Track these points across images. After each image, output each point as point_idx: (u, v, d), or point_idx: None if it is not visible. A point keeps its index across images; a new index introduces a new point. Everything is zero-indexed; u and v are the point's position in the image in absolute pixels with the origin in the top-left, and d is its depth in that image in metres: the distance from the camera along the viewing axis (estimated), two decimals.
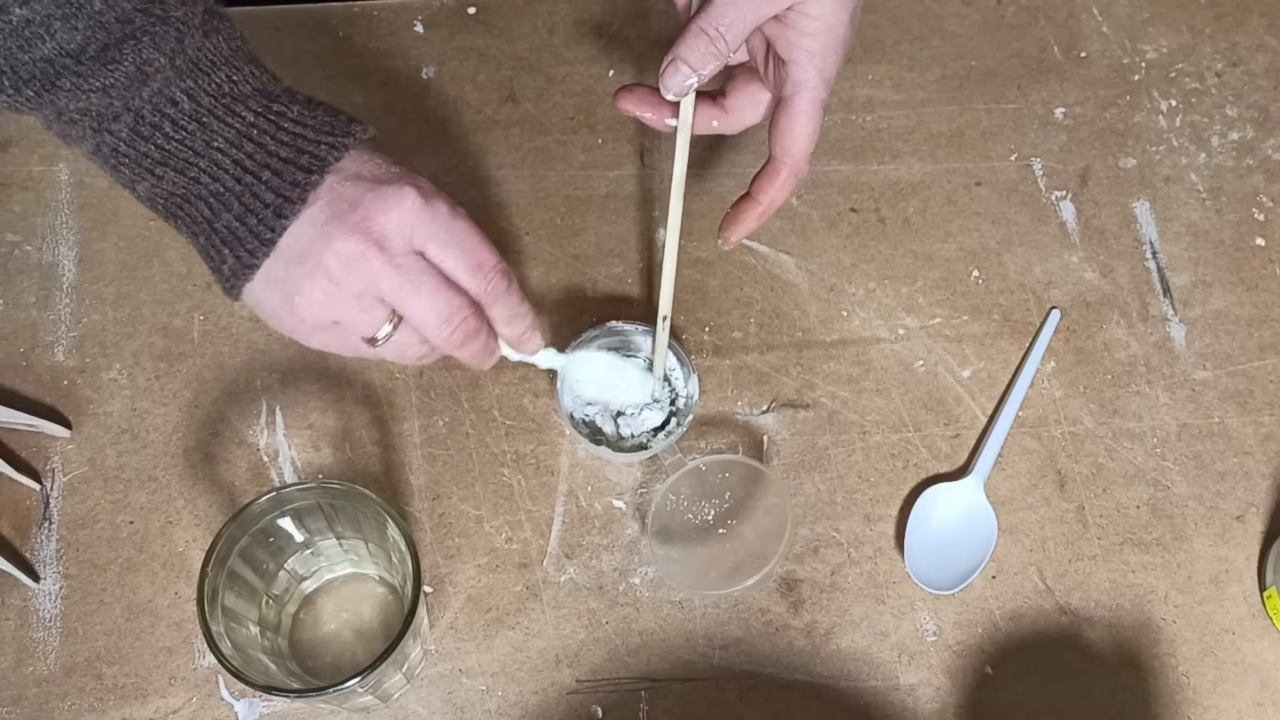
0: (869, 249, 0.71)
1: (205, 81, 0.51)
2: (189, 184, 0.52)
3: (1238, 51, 0.78)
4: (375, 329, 0.51)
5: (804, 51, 0.54)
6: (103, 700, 0.59)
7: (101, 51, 0.49)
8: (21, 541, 0.63)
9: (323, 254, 0.50)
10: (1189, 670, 0.62)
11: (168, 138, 0.51)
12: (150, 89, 0.51)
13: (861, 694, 0.61)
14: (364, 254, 0.50)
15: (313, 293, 0.51)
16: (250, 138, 0.51)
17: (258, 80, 0.52)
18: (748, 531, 0.63)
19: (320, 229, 0.50)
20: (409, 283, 0.50)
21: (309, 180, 0.50)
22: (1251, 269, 0.72)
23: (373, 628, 0.61)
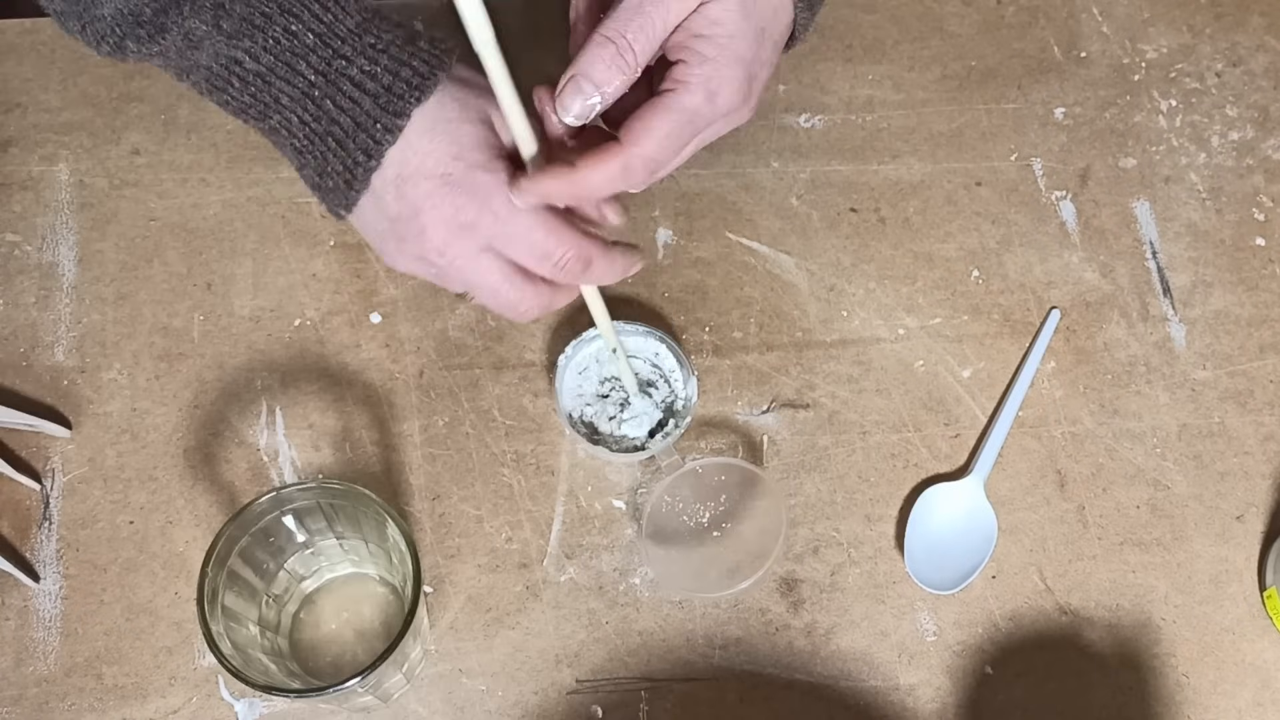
0: (869, 249, 0.71)
1: (261, 39, 0.50)
2: (271, 133, 0.53)
3: (1238, 51, 0.78)
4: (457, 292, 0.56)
5: (695, 53, 0.49)
6: (103, 700, 0.59)
7: (155, 16, 0.49)
8: (21, 541, 0.63)
9: (391, 251, 0.53)
10: (1189, 670, 0.62)
11: (240, 93, 0.52)
12: (205, 53, 0.51)
13: (861, 694, 0.61)
14: (429, 271, 0.53)
15: (403, 263, 0.53)
16: (313, 99, 0.51)
17: (320, 24, 0.51)
18: (743, 533, 0.63)
19: (387, 218, 0.52)
20: (478, 286, 0.53)
21: (369, 164, 0.51)
22: (1251, 269, 0.72)
23: (373, 628, 0.61)
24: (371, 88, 0.51)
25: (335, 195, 0.53)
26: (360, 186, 0.52)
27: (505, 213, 0.51)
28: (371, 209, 0.53)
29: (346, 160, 0.51)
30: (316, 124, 0.51)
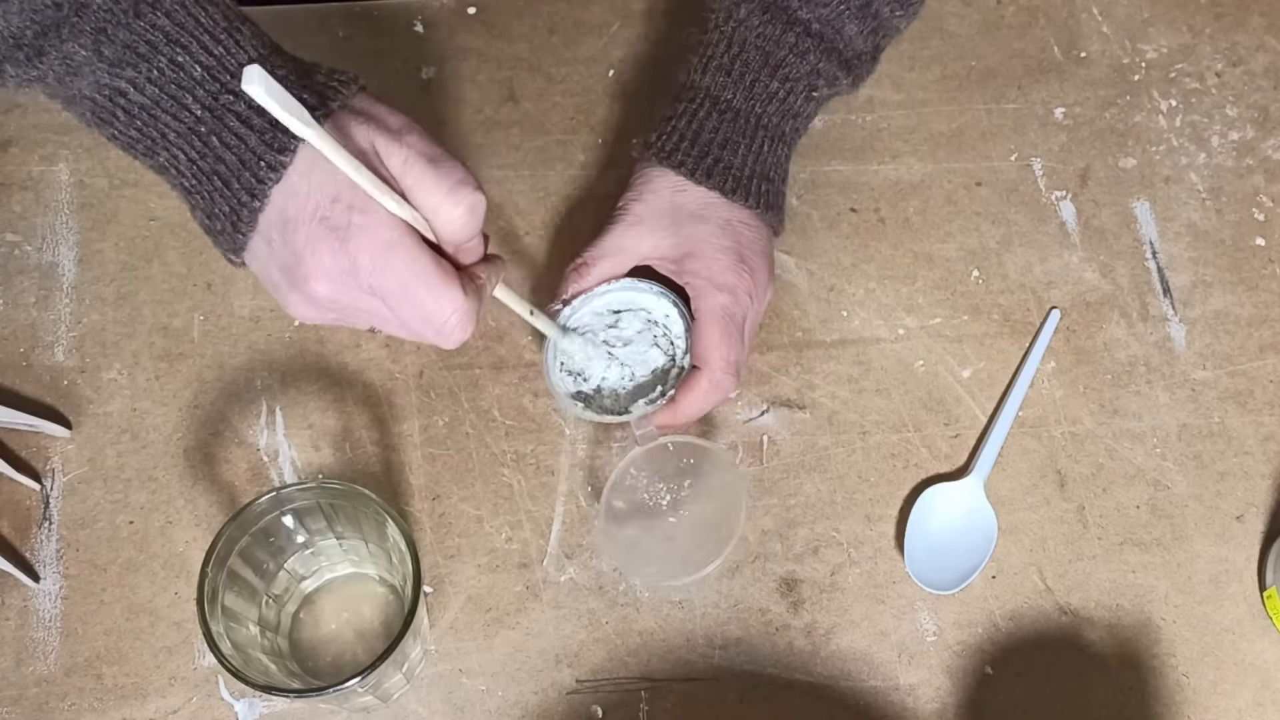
0: (869, 249, 0.71)
1: (146, 69, 0.48)
2: (160, 171, 0.51)
3: (1238, 51, 0.78)
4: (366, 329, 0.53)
5: (688, 270, 0.60)
6: (103, 700, 0.59)
7: (35, 39, 0.48)
8: (21, 541, 0.63)
9: (285, 297, 0.50)
10: (1189, 670, 0.62)
11: (126, 126, 0.50)
12: (86, 80, 0.49)
13: (861, 694, 0.61)
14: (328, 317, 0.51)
15: (300, 311, 0.51)
16: (199, 135, 0.49)
17: (209, 56, 0.49)
18: (703, 519, 0.62)
19: (275, 265, 0.50)
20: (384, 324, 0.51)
21: (253, 204, 0.48)
22: (1251, 269, 0.72)
23: (373, 628, 0.61)
24: (257, 124, 0.48)
25: (225, 238, 0.50)
26: (246, 229, 0.49)
27: (380, 263, 0.48)
28: (264, 254, 0.50)
29: (232, 201, 0.49)
30: (203, 161, 0.49)
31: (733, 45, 0.62)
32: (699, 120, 0.62)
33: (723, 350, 0.59)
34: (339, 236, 0.47)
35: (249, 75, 0.42)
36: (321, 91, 0.49)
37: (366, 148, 0.49)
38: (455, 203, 0.48)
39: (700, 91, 0.62)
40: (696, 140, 0.61)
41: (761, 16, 0.62)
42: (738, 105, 0.62)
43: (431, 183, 0.48)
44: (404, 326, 0.50)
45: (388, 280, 0.48)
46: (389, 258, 0.48)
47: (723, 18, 0.63)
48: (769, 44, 0.62)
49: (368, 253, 0.47)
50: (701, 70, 0.63)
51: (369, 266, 0.48)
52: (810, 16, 0.62)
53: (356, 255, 0.47)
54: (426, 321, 0.49)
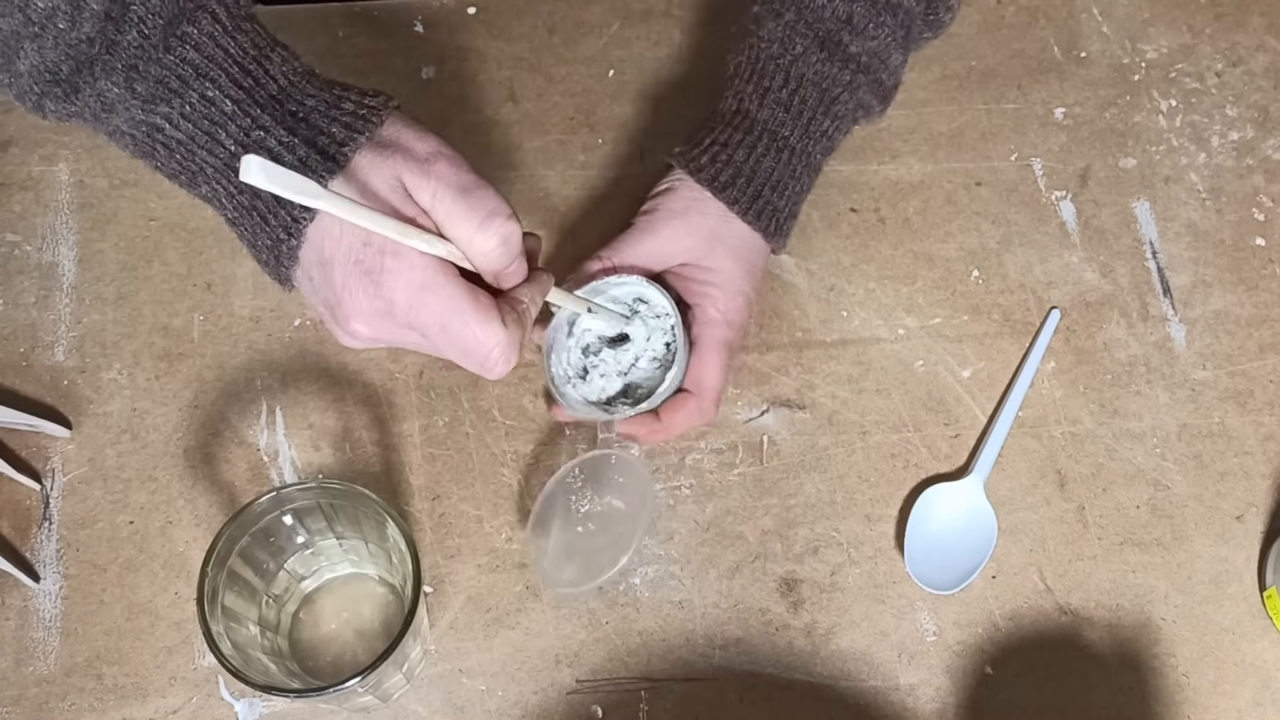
0: (869, 249, 0.71)
1: (179, 104, 0.49)
2: (205, 201, 0.51)
3: (1238, 51, 0.78)
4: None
5: (706, 297, 0.61)
6: (103, 700, 0.59)
7: (71, 75, 0.48)
8: (21, 541, 0.63)
9: (333, 327, 0.51)
10: (1189, 670, 0.62)
11: (166, 160, 0.50)
12: (122, 117, 0.49)
13: (861, 694, 0.61)
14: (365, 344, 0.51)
15: (349, 342, 0.51)
16: (235, 169, 0.49)
17: (239, 90, 0.49)
18: (608, 529, 0.61)
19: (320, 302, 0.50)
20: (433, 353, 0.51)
21: (290, 242, 0.49)
22: (1251, 269, 0.72)
23: (373, 627, 0.61)
24: (288, 160, 0.48)
25: (271, 270, 0.51)
26: (288, 263, 0.50)
27: (415, 303, 0.48)
28: (308, 289, 0.51)
29: (270, 237, 0.49)
30: (241, 197, 0.49)
31: (790, 80, 0.62)
32: (756, 157, 0.62)
33: (718, 380, 0.61)
34: (373, 280, 0.48)
35: (246, 167, 0.42)
36: (350, 124, 0.49)
37: (394, 185, 0.49)
38: (488, 236, 0.48)
39: (758, 125, 0.62)
40: (753, 179, 0.61)
41: (819, 54, 0.62)
42: (794, 143, 0.62)
43: (462, 215, 0.48)
44: (449, 358, 0.51)
45: (425, 319, 0.48)
46: (423, 298, 0.48)
47: (777, 49, 0.62)
48: (825, 81, 0.62)
49: (401, 294, 0.48)
50: (759, 102, 0.62)
51: (405, 307, 0.48)
52: (860, 50, 0.63)
53: (392, 297, 0.48)
54: (468, 356, 0.49)
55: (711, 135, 0.62)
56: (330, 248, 0.48)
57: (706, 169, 0.61)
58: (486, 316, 0.49)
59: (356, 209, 0.46)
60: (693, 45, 0.77)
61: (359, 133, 0.49)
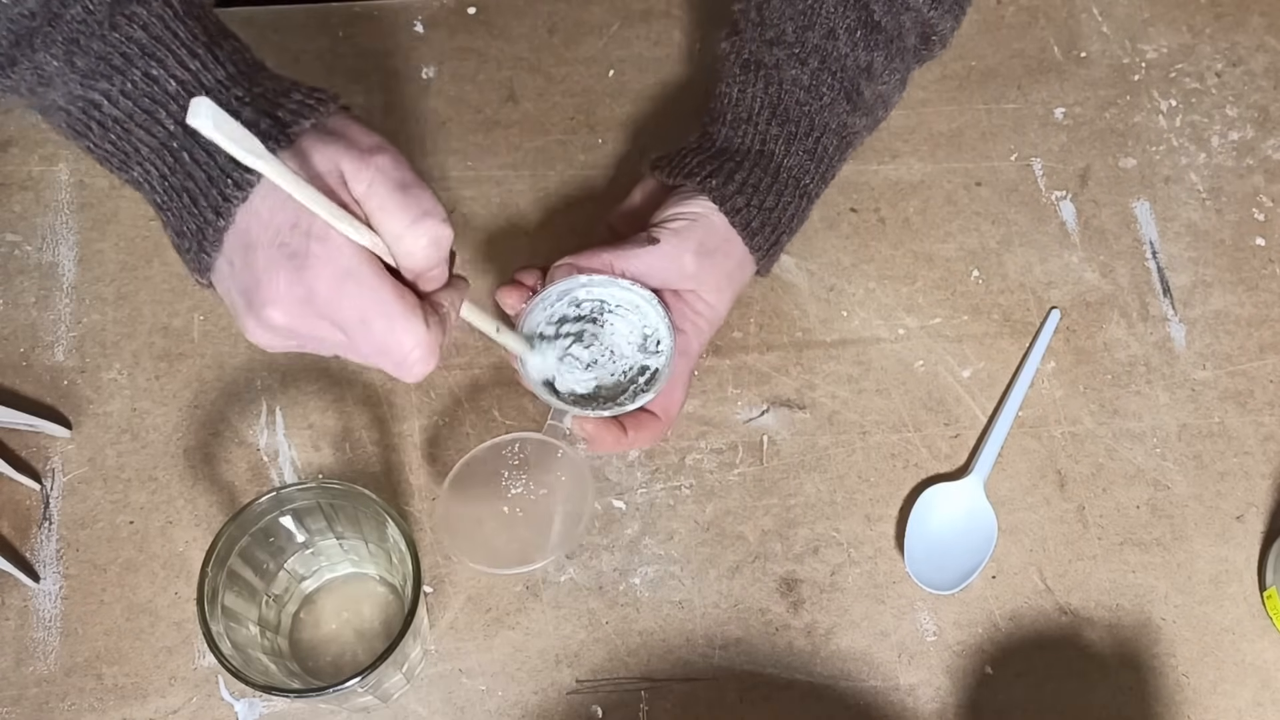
0: (869, 249, 0.71)
1: (120, 81, 0.47)
2: (135, 186, 0.50)
3: (1238, 51, 0.78)
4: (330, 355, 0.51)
5: (693, 325, 0.61)
6: (103, 700, 0.59)
7: (10, 49, 0.47)
8: (21, 541, 0.63)
9: (245, 322, 0.48)
10: (1189, 670, 0.62)
11: (101, 139, 0.49)
12: (59, 91, 0.48)
13: (861, 694, 0.61)
14: (288, 345, 0.49)
15: (261, 338, 0.49)
16: (171, 151, 0.48)
17: (185, 71, 0.48)
18: (541, 520, 0.59)
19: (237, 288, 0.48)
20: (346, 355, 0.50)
21: (218, 223, 0.47)
22: (1251, 269, 0.72)
23: (373, 627, 0.61)
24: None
25: (191, 257, 0.49)
26: (212, 248, 0.48)
27: (337, 292, 0.46)
28: (226, 276, 0.49)
29: (199, 219, 0.47)
30: (174, 177, 0.48)
31: (815, 128, 0.62)
32: (782, 205, 0.62)
33: (678, 408, 0.61)
34: (296, 264, 0.46)
35: (195, 109, 0.40)
36: (297, 110, 0.48)
37: (331, 169, 0.47)
38: (418, 234, 0.47)
39: (784, 171, 0.62)
40: (776, 226, 0.62)
41: (845, 105, 0.62)
42: (812, 191, 0.63)
43: (395, 210, 0.47)
44: (364, 358, 0.49)
45: (345, 311, 0.46)
46: (346, 287, 0.46)
47: (803, 96, 0.61)
48: (846, 130, 0.63)
49: (324, 282, 0.46)
50: (785, 149, 0.62)
51: (326, 296, 0.46)
52: (871, 95, 0.63)
53: (313, 284, 0.46)
54: (385, 354, 0.48)
55: (741, 174, 0.61)
56: (256, 231, 0.47)
57: (743, 212, 0.60)
58: (410, 313, 0.47)
59: (295, 180, 0.44)
60: (693, 45, 0.77)
61: (304, 117, 0.47)
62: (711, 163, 0.61)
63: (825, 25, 0.61)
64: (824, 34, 0.61)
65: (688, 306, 0.61)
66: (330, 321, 0.47)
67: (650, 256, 0.59)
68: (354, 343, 0.48)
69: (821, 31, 0.61)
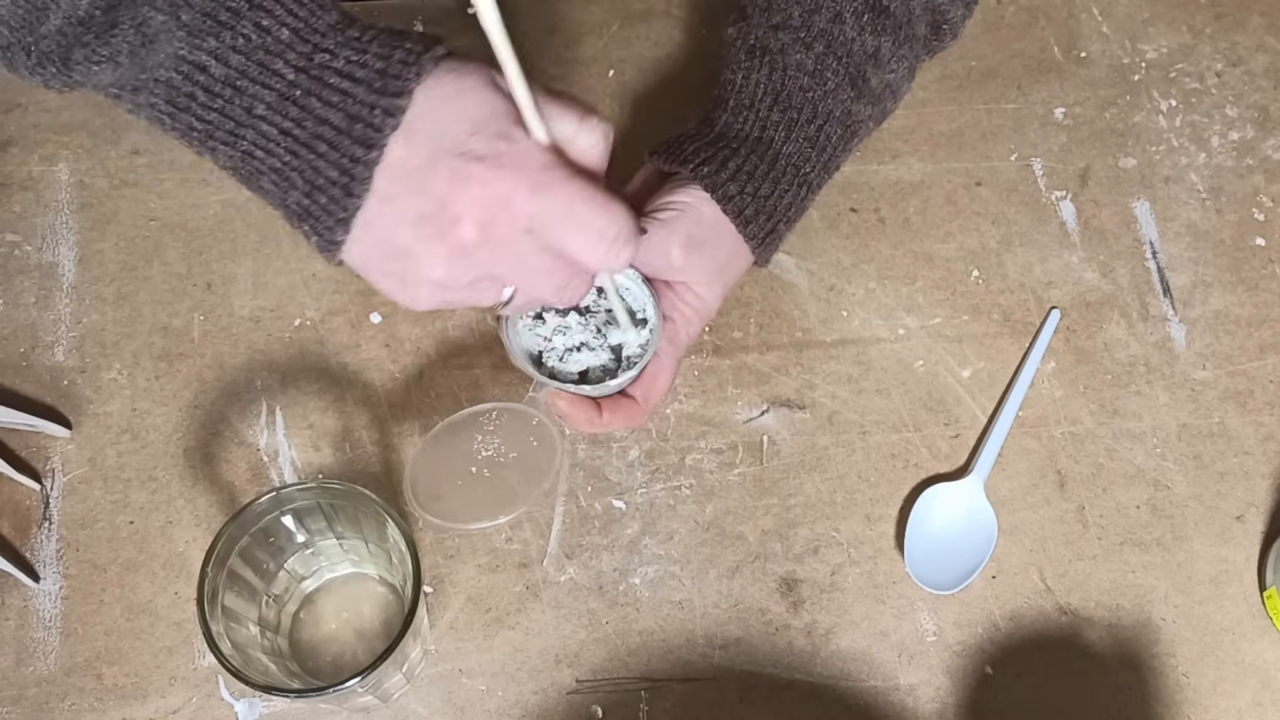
0: (869, 249, 0.71)
1: (229, 37, 0.45)
2: (243, 158, 0.48)
3: (1238, 51, 0.78)
4: (492, 303, 0.50)
5: (681, 315, 0.60)
6: (103, 700, 0.59)
7: (105, 15, 0.45)
8: (21, 541, 0.63)
9: (419, 259, 0.47)
10: (1189, 670, 0.62)
11: (206, 108, 0.47)
12: (163, 53, 0.46)
13: (861, 694, 0.61)
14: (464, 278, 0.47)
15: (417, 289, 0.48)
16: (294, 100, 0.46)
17: (296, 19, 0.46)
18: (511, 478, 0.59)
19: (407, 222, 0.46)
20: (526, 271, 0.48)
21: (369, 156, 0.45)
22: (1251, 269, 0.72)
23: (373, 627, 0.61)
24: (362, 75, 0.45)
25: (329, 214, 0.47)
26: (361, 190, 0.46)
27: (539, 184, 0.45)
28: (386, 218, 0.47)
29: (342, 161, 0.46)
30: (300, 129, 0.46)
31: (818, 116, 0.61)
32: (779, 193, 0.61)
33: (662, 395, 0.60)
34: (488, 165, 0.45)
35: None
36: (419, 42, 0.47)
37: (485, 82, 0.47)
38: (591, 130, 0.47)
39: (782, 158, 0.61)
40: (772, 215, 0.61)
41: (850, 91, 0.61)
42: (813, 180, 0.62)
43: (560, 113, 0.47)
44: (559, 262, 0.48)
45: (550, 204, 0.45)
46: (548, 179, 0.45)
47: (807, 82, 0.61)
48: (850, 118, 0.62)
49: (524, 177, 0.45)
50: (785, 135, 0.61)
51: (526, 192, 0.45)
52: (879, 83, 0.62)
53: (512, 183, 0.45)
54: (597, 239, 0.46)
55: (737, 160, 0.60)
56: (426, 152, 0.45)
57: (735, 200, 0.59)
58: (609, 197, 0.46)
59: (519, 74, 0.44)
60: (693, 45, 0.77)
61: (431, 50, 0.47)
62: (707, 149, 0.60)
63: (832, 9, 0.61)
64: (830, 18, 0.61)
65: (677, 297, 0.60)
66: (526, 228, 0.46)
67: (646, 245, 0.58)
68: (556, 239, 0.46)
69: (828, 15, 0.61)
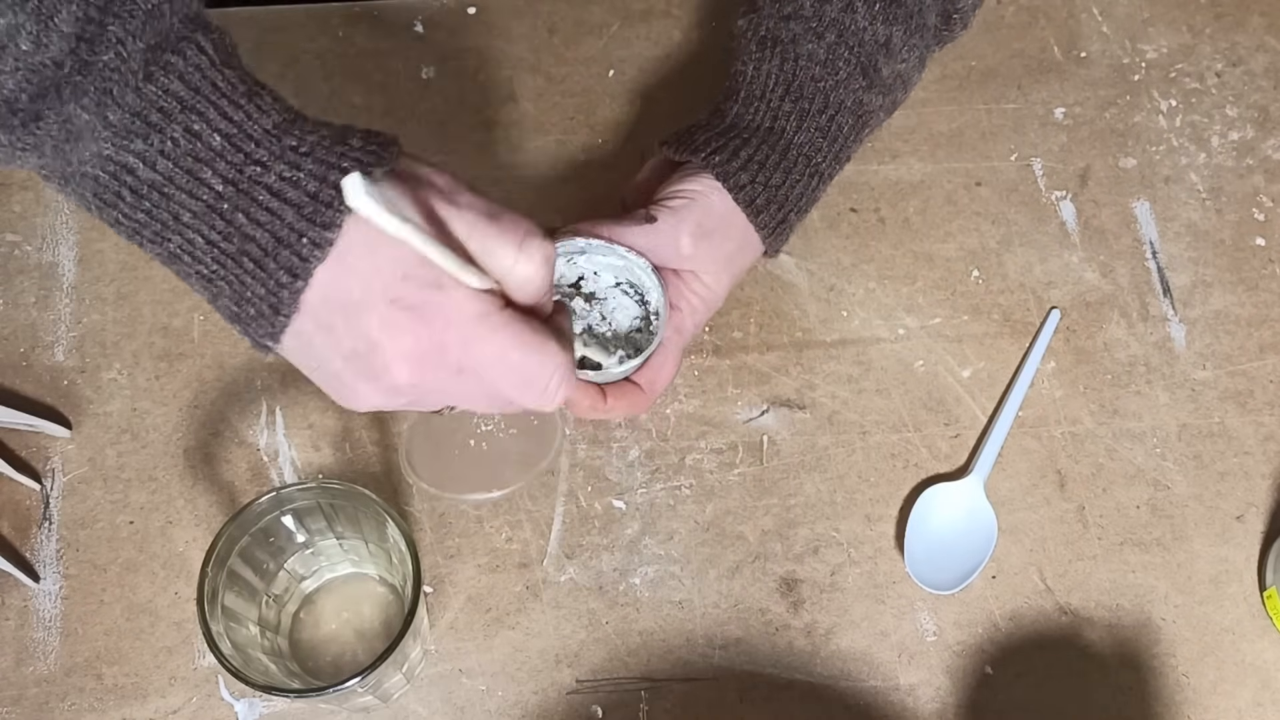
0: (869, 249, 0.71)
1: (158, 140, 0.43)
2: (171, 259, 0.46)
3: (1238, 51, 0.78)
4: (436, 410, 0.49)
5: (688, 304, 0.60)
6: (103, 700, 0.59)
7: (31, 102, 0.42)
8: (21, 541, 0.63)
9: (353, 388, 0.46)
10: (1189, 670, 0.62)
11: (134, 208, 0.44)
12: (88, 150, 0.44)
13: (861, 694, 0.61)
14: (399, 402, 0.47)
15: (353, 404, 0.47)
16: (221, 214, 0.43)
17: (230, 124, 0.43)
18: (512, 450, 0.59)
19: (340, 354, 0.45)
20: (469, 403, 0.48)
21: (295, 285, 0.44)
22: (1251, 269, 0.72)
23: (373, 627, 0.61)
24: (293, 196, 0.43)
25: (258, 324, 0.45)
26: (288, 311, 0.44)
27: (470, 336, 0.45)
28: (317, 342, 0.45)
29: (268, 283, 0.44)
30: (227, 243, 0.44)
31: (829, 106, 0.61)
32: (790, 183, 0.61)
33: (667, 383, 0.60)
34: (419, 316, 0.44)
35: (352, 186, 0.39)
36: (361, 159, 0.44)
37: (427, 218, 0.45)
38: (530, 258, 0.45)
39: (794, 148, 0.61)
40: (783, 205, 0.61)
41: (861, 80, 0.61)
42: (824, 170, 0.62)
43: (498, 242, 0.45)
44: (496, 398, 0.47)
45: (482, 353, 0.45)
46: (479, 331, 0.44)
47: (819, 72, 0.61)
48: (861, 108, 0.62)
49: (455, 330, 0.44)
50: (797, 125, 0.61)
51: (459, 344, 0.44)
52: (890, 73, 0.62)
53: (443, 335, 0.44)
54: (528, 386, 0.46)
55: (748, 150, 0.60)
56: (360, 288, 0.43)
57: (746, 189, 0.59)
58: (545, 340, 0.45)
59: (429, 241, 0.42)
60: (693, 45, 0.77)
61: (380, 163, 0.45)
62: (718, 139, 0.60)
63: None
64: (842, 7, 0.60)
65: (685, 286, 0.60)
66: (459, 370, 0.45)
67: (646, 235, 0.58)
68: (490, 384, 0.46)
69: (839, 5, 0.60)
